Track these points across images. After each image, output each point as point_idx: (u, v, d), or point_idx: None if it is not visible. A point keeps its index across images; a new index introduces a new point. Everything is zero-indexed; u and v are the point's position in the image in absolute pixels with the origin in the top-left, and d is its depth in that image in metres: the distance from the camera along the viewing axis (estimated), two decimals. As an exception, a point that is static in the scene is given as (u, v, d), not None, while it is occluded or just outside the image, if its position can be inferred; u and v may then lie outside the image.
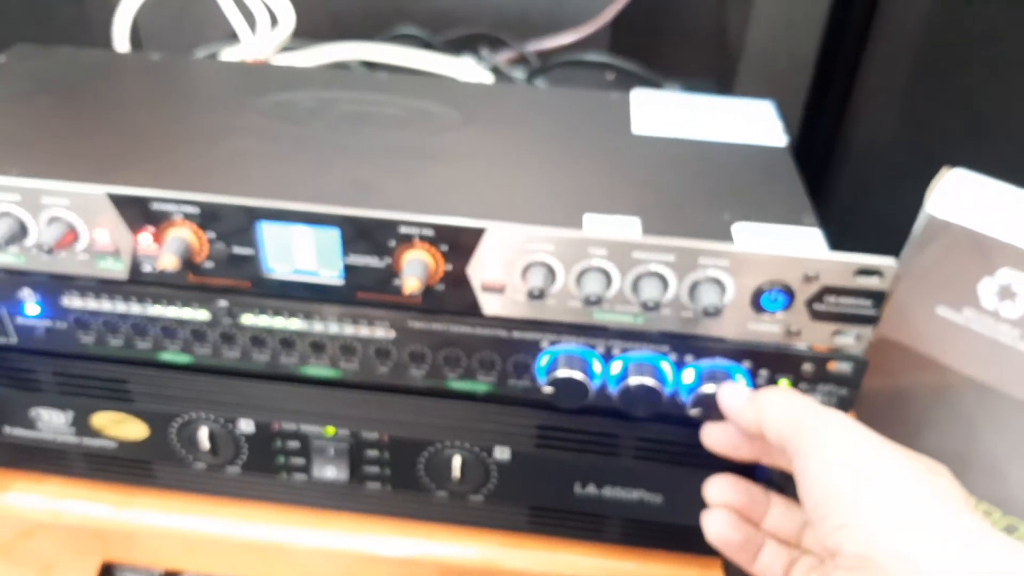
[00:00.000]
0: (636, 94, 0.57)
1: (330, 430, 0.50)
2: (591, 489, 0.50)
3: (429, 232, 0.42)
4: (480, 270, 0.43)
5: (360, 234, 0.43)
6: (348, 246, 0.43)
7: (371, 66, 0.82)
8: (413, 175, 0.47)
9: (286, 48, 0.76)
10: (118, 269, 0.45)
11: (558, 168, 0.48)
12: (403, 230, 0.42)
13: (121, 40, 0.74)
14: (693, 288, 0.42)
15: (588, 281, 0.42)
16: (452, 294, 0.44)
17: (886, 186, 0.86)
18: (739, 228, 0.43)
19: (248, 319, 0.46)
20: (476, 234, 0.42)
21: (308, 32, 0.84)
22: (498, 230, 0.41)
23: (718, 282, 0.41)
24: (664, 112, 0.54)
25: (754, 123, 0.53)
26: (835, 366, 0.44)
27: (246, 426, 0.51)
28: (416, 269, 0.42)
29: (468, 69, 0.79)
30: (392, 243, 0.43)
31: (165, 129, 0.51)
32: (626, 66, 0.74)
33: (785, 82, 1.06)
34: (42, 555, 0.57)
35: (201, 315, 0.47)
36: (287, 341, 0.47)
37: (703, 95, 0.57)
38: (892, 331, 0.65)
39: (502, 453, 0.49)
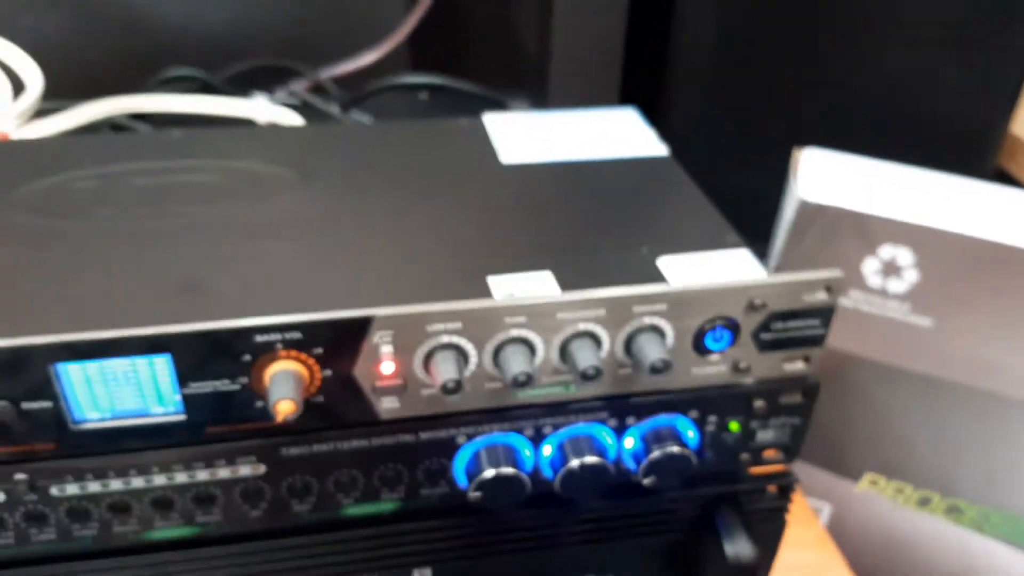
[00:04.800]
0: (489, 119, 0.49)
1: (196, 600, 0.39)
2: (533, 589, 0.42)
3: (295, 335, 0.32)
4: (369, 369, 0.34)
5: (200, 355, 0.32)
6: (185, 373, 0.33)
7: (150, 121, 0.69)
8: (253, 260, 0.36)
9: (37, 114, 0.62)
10: None
11: (434, 223, 0.40)
12: (259, 338, 0.32)
13: None
14: (629, 341, 0.35)
15: (510, 358, 0.34)
16: (336, 404, 0.34)
17: (706, 163, 0.82)
18: (666, 262, 0.36)
19: (60, 489, 0.34)
20: (360, 326, 0.32)
21: (58, 93, 0.70)
22: (389, 316, 0.32)
23: (657, 330, 0.35)
24: (527, 135, 0.48)
25: (625, 134, 0.48)
26: (787, 397, 0.39)
27: (78, 620, 0.38)
28: (285, 387, 0.32)
29: (266, 110, 0.68)
30: (246, 357, 0.32)
31: None
32: (462, 86, 0.66)
33: (597, 75, 1.03)
34: None
35: (-11, 498, 0.34)
36: (119, 505, 0.35)
37: (559, 111, 0.51)
38: (780, 325, 0.63)
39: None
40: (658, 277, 0.36)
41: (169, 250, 0.37)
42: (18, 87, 0.63)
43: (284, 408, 0.31)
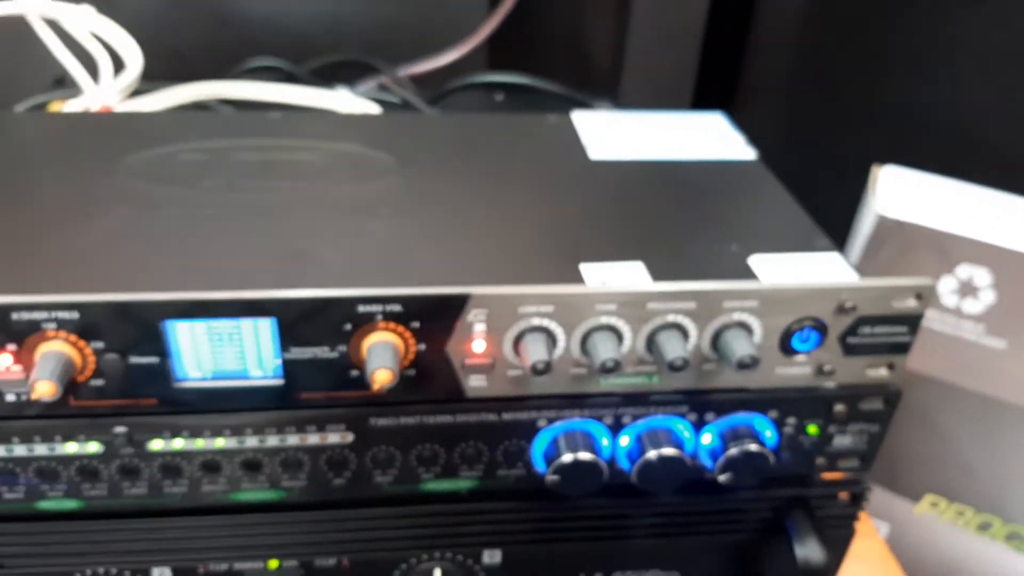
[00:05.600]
0: (578, 116, 0.50)
1: (273, 564, 0.40)
2: (598, 579, 0.42)
3: (396, 307, 0.33)
4: (461, 346, 0.35)
5: (302, 321, 0.33)
6: (287, 337, 0.34)
7: (236, 106, 0.71)
8: (357, 236, 0.38)
9: (135, 93, 0.64)
10: (-33, 404, 0.34)
11: (526, 210, 0.41)
12: (362, 309, 0.33)
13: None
14: (716, 336, 0.35)
15: (599, 344, 0.34)
16: (426, 379, 0.35)
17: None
18: (757, 261, 0.37)
19: (157, 444, 0.36)
20: (458, 303, 0.33)
21: (148, 76, 0.72)
22: (485, 295, 0.33)
23: (745, 326, 0.35)
24: (615, 133, 0.48)
25: (714, 137, 0.48)
26: (868, 403, 0.39)
27: None
28: (385, 357, 0.33)
29: (349, 102, 0.70)
30: (347, 327, 0.34)
31: (7, 209, 0.39)
32: (547, 86, 0.67)
33: (669, 85, 1.04)
34: None
35: (90, 448, 0.35)
36: (211, 464, 0.37)
37: (645, 112, 0.51)
38: (849, 340, 0.63)
39: (492, 557, 0.41)
40: (749, 274, 0.36)
41: (273, 221, 0.38)
42: (116, 66, 0.66)
43: (382, 377, 0.32)
